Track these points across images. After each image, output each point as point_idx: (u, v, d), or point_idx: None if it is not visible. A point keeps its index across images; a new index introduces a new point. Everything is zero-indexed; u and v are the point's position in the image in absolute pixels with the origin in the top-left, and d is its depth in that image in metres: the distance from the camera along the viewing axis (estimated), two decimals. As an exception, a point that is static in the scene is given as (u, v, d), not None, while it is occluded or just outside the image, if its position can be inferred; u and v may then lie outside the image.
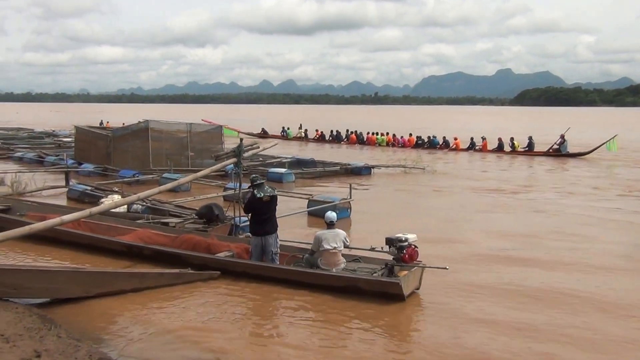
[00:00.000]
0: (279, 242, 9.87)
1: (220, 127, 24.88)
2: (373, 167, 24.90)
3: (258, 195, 9.66)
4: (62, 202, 16.30)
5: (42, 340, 6.56)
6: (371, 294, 8.59)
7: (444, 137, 38.28)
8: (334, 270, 9.14)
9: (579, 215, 15.56)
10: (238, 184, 11.48)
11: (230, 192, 14.81)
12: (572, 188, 20.70)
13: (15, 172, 18.68)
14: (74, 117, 71.27)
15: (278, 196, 10.22)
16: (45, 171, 21.73)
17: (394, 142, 39.95)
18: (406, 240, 8.89)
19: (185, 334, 7.34)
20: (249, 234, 10.81)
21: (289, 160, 25.43)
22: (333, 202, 14.36)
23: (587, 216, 15.49)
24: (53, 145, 33.52)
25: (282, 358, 6.75)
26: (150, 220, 12.39)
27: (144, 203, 13.42)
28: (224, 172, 18.25)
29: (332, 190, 18.96)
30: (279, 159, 25.40)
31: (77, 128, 26.60)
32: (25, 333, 6.69)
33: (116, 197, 14.16)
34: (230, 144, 20.36)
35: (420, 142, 38.97)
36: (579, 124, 67.03)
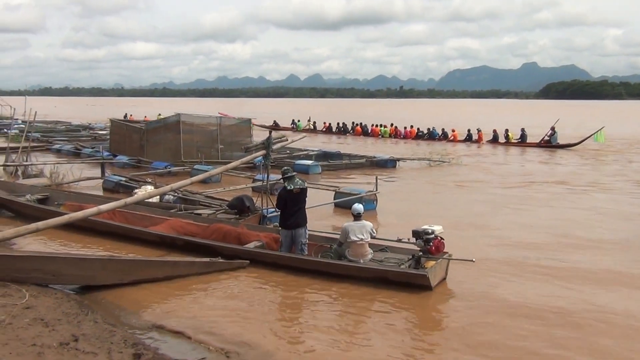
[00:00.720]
0: (308, 232, 10.05)
1: (249, 120, 25.16)
2: (398, 160, 24.93)
3: (289, 188, 9.82)
4: (98, 192, 16.72)
5: (79, 325, 6.80)
6: (399, 284, 8.72)
7: (443, 129, 39.57)
8: (361, 261, 9.28)
9: (613, 211, 15.35)
10: (266, 176, 11.69)
11: (259, 183, 15.04)
12: (607, 183, 20.38)
13: (54, 164, 19.16)
14: (108, 110, 72.45)
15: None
16: (82, 162, 22.27)
17: (396, 134, 41.41)
18: (433, 232, 8.99)
19: (215, 321, 7.52)
20: (277, 224, 11.05)
21: (315, 152, 25.65)
22: (359, 194, 14.46)
23: (620, 211, 15.33)
24: (89, 138, 34.25)
25: (310, 347, 6.89)
26: (182, 211, 12.70)
27: (176, 194, 13.74)
28: (252, 164, 18.51)
29: (358, 183, 19.11)
30: (305, 152, 25.63)
31: (112, 121, 27.19)
32: (64, 318, 6.94)
33: (149, 188, 14.49)
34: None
35: (420, 133, 40.28)
36: (607, 118, 65.79)
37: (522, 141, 35.04)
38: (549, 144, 33.50)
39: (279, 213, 10.21)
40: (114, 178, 17.33)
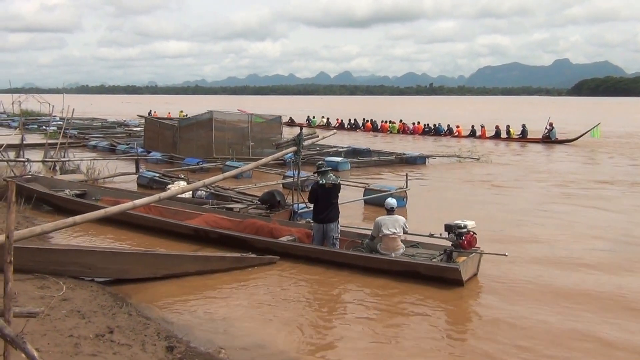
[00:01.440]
0: (340, 228, 10.09)
1: (280, 117, 25.29)
2: (428, 156, 24.81)
3: (321, 182, 9.96)
4: (132, 187, 17.04)
5: (114, 317, 6.94)
6: (430, 279, 8.72)
7: (448, 125, 40.86)
8: (393, 255, 9.30)
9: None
10: (297, 172, 11.76)
11: (289, 179, 15.12)
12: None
13: (90, 160, 19.55)
14: (142, 108, 73.41)
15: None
16: (117, 159, 22.63)
17: (404, 130, 42.86)
18: (465, 226, 8.98)
19: (246, 315, 7.61)
20: (310, 219, 11.13)
21: (345, 149, 25.63)
22: (389, 191, 14.42)
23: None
24: (124, 135, 34.75)
25: (342, 340, 6.93)
26: (215, 206, 12.86)
27: (208, 189, 13.91)
28: (282, 161, 18.63)
29: (388, 179, 19.07)
30: (335, 148, 25.61)
31: (146, 118, 27.61)
32: (99, 310, 7.09)
33: (182, 184, 14.70)
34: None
35: (427, 129, 41.78)
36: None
37: (523, 137, 36.22)
38: (548, 139, 34.63)
39: (312, 208, 10.32)
40: (148, 174, 17.61)
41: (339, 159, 22.05)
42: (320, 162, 10.27)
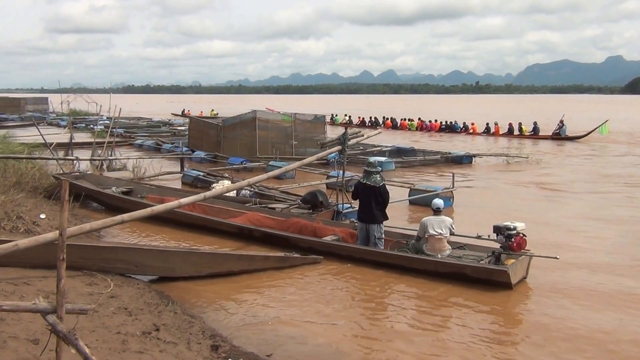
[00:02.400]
0: (384, 228, 9.97)
1: (323, 116, 25.25)
2: (474, 156, 24.39)
3: (362, 181, 9.94)
4: (177, 186, 17.28)
5: (160, 315, 7.01)
6: (477, 281, 8.55)
7: (464, 122, 42.06)
8: (439, 256, 9.15)
9: None
10: (341, 172, 11.68)
11: (333, 179, 15.05)
12: None
13: (136, 158, 19.89)
14: (187, 107, 74.62)
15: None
16: (162, 157, 22.93)
17: (422, 127, 44.47)
18: (515, 228, 8.76)
19: (291, 314, 7.58)
20: (353, 219, 11.06)
21: (389, 148, 25.32)
22: (435, 191, 14.22)
23: None
24: (169, 134, 35.30)
25: (388, 341, 6.86)
26: (258, 205, 12.89)
27: (252, 188, 13.96)
28: (325, 161, 18.56)
29: (433, 179, 18.81)
30: (379, 148, 25.32)
31: (190, 118, 27.95)
32: (146, 307, 7.18)
33: (226, 183, 14.79)
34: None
35: (443, 126, 43.11)
36: None
37: (535, 133, 37.29)
38: (558, 136, 35.49)
39: (357, 207, 10.30)
40: (193, 173, 17.80)
41: (383, 158, 21.76)
42: (370, 161, 10.17)
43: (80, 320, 5.31)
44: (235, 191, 13.59)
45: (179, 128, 38.29)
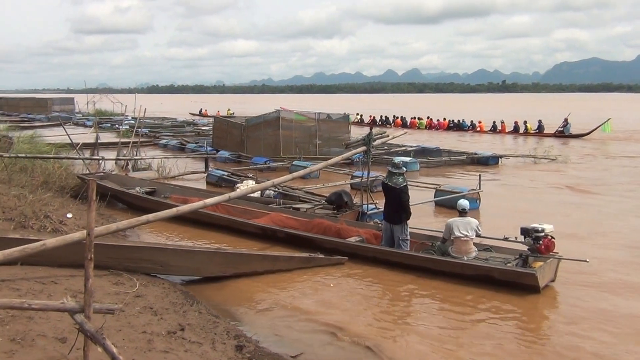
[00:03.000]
0: (409, 230, 9.88)
1: (348, 116, 25.18)
2: (501, 156, 24.08)
3: (385, 181, 9.91)
4: (201, 185, 17.36)
5: (185, 315, 7.02)
6: (504, 284, 8.42)
7: (472, 121, 42.77)
8: (465, 258, 9.04)
9: None
10: (366, 172, 11.61)
11: (358, 180, 14.96)
12: None
13: (161, 158, 20.04)
14: (210, 107, 75.18)
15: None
16: (187, 157, 23.06)
17: (431, 125, 45.31)
18: (543, 230, 8.60)
19: (313, 316, 7.56)
20: (377, 220, 11.00)
21: (414, 148, 25.08)
22: (461, 192, 14.05)
23: None
24: (193, 133, 35.50)
25: (413, 343, 6.80)
26: (282, 205, 12.88)
27: (277, 189, 13.96)
28: (350, 161, 18.49)
29: (459, 180, 18.61)
30: (403, 147, 25.10)
31: (214, 118, 28.07)
32: (171, 307, 7.19)
33: (250, 183, 14.82)
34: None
35: (452, 125, 44.04)
36: None
37: (540, 131, 37.93)
38: (562, 134, 36.27)
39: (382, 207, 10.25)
40: (217, 172, 17.87)
41: (407, 158, 21.50)
42: (395, 162, 10.08)
43: (107, 319, 5.33)
44: (259, 191, 13.61)
45: (203, 128, 38.52)
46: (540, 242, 8.56)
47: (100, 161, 18.27)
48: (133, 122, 33.90)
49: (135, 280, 7.79)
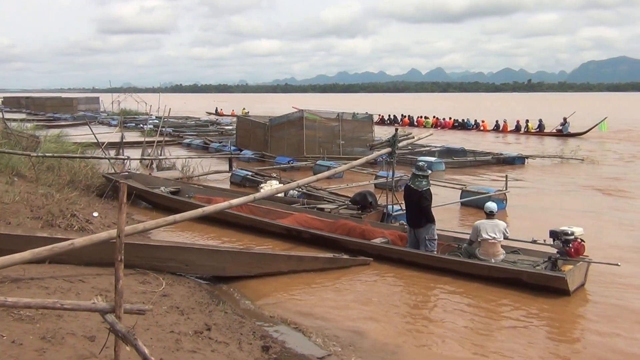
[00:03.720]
0: (434, 232, 9.76)
1: (371, 116, 25.07)
2: (527, 157, 23.78)
3: (408, 183, 9.84)
4: (225, 185, 17.39)
5: (211, 314, 7.03)
6: (532, 287, 8.30)
7: (475, 120, 44.31)
8: (492, 260, 8.92)
9: None
10: (391, 173, 11.51)
11: (382, 180, 14.88)
12: None
13: (185, 158, 20.13)
14: (231, 106, 75.61)
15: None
16: (211, 157, 23.10)
17: (437, 124, 46.13)
18: (572, 233, 8.47)
19: (339, 317, 7.51)
20: (403, 222, 10.91)
21: (438, 149, 24.90)
22: (488, 193, 13.89)
23: None
24: (216, 133, 35.60)
25: (439, 345, 6.73)
26: (306, 205, 12.85)
27: (300, 189, 13.93)
28: (373, 160, 18.39)
29: (485, 181, 18.41)
30: (428, 148, 24.91)
31: (238, 117, 28.13)
32: (197, 307, 7.20)
33: (274, 183, 14.80)
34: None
35: (456, 124, 45.03)
36: None
37: (540, 130, 38.87)
38: (561, 133, 37.12)
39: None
40: (241, 172, 17.88)
41: (432, 159, 21.30)
42: (419, 164, 9.98)
43: (134, 318, 5.34)
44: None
45: (226, 127, 38.63)
46: (570, 245, 8.43)
47: (125, 160, 18.39)
48: (157, 121, 34.13)
49: (161, 279, 7.81)
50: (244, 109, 61.56)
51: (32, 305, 4.09)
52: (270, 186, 13.93)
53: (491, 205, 9.30)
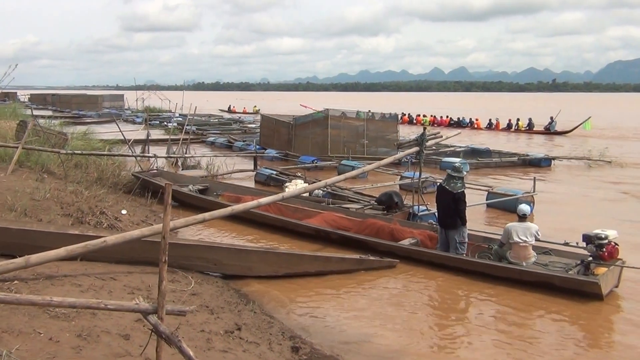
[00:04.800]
0: (467, 232, 9.67)
1: (396, 115, 24.94)
2: (554, 158, 23.50)
3: (442, 184, 9.78)
4: (249, 184, 17.43)
5: (240, 314, 7.05)
6: (564, 291, 8.19)
7: (470, 118, 45.84)
8: (524, 264, 8.83)
9: None
10: (418, 173, 11.43)
11: (407, 180, 14.78)
12: None
13: (211, 156, 20.21)
14: (252, 104, 75.74)
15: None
16: (236, 156, 23.18)
17: (434, 122, 47.46)
18: (606, 237, 8.36)
19: (367, 318, 7.49)
20: (430, 221, 10.84)
21: (463, 149, 24.67)
22: (515, 195, 13.72)
23: None
24: (240, 131, 35.70)
25: (465, 349, 6.67)
26: (331, 205, 12.81)
27: (326, 188, 13.90)
28: (398, 161, 18.30)
29: (512, 182, 18.21)
30: (452, 148, 24.73)
31: (262, 116, 28.16)
32: (226, 306, 7.22)
33: (299, 182, 14.79)
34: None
35: (452, 122, 46.77)
36: None
37: (530, 129, 40.48)
38: (549, 131, 38.73)
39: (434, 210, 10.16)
40: (266, 171, 17.89)
41: (457, 160, 21.17)
42: (455, 165, 9.89)
43: (167, 318, 5.36)
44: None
45: (250, 126, 38.72)
46: (604, 249, 8.31)
47: (153, 159, 18.51)
48: (181, 119, 34.27)
49: (190, 278, 7.84)
50: (255, 106, 61.77)
51: (77, 305, 4.11)
52: (296, 185, 13.93)
53: (524, 208, 9.20)
